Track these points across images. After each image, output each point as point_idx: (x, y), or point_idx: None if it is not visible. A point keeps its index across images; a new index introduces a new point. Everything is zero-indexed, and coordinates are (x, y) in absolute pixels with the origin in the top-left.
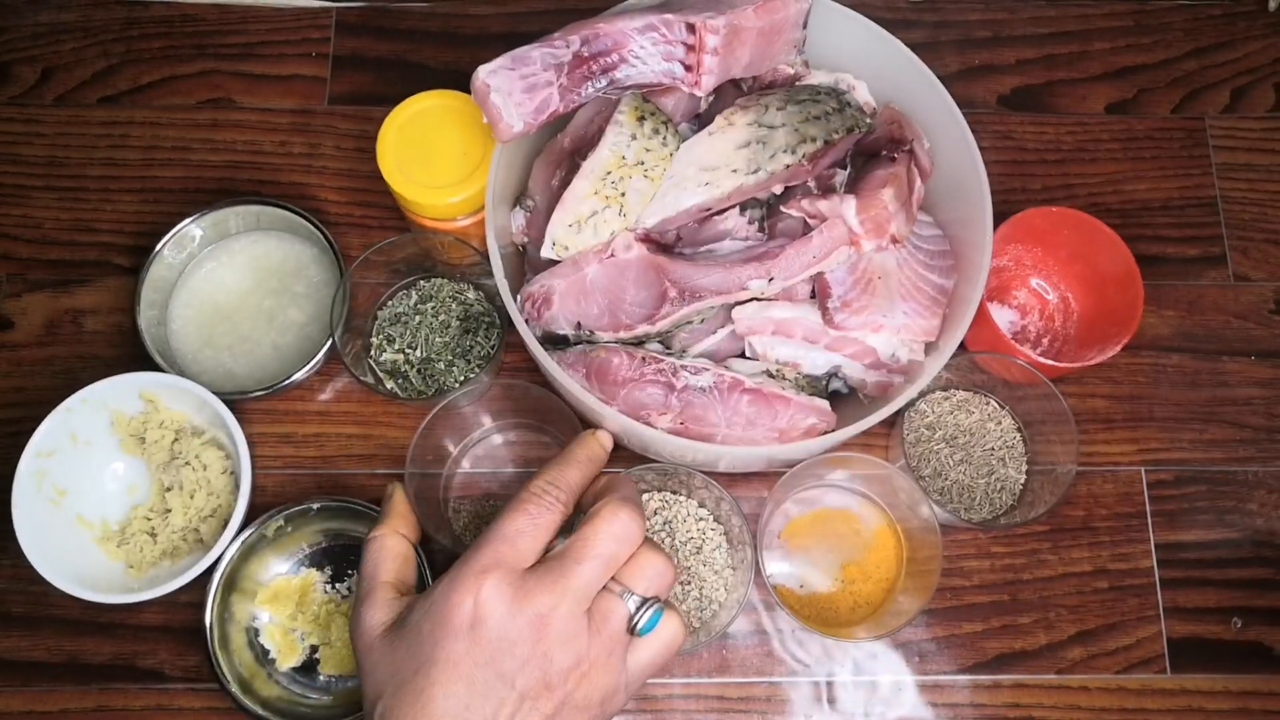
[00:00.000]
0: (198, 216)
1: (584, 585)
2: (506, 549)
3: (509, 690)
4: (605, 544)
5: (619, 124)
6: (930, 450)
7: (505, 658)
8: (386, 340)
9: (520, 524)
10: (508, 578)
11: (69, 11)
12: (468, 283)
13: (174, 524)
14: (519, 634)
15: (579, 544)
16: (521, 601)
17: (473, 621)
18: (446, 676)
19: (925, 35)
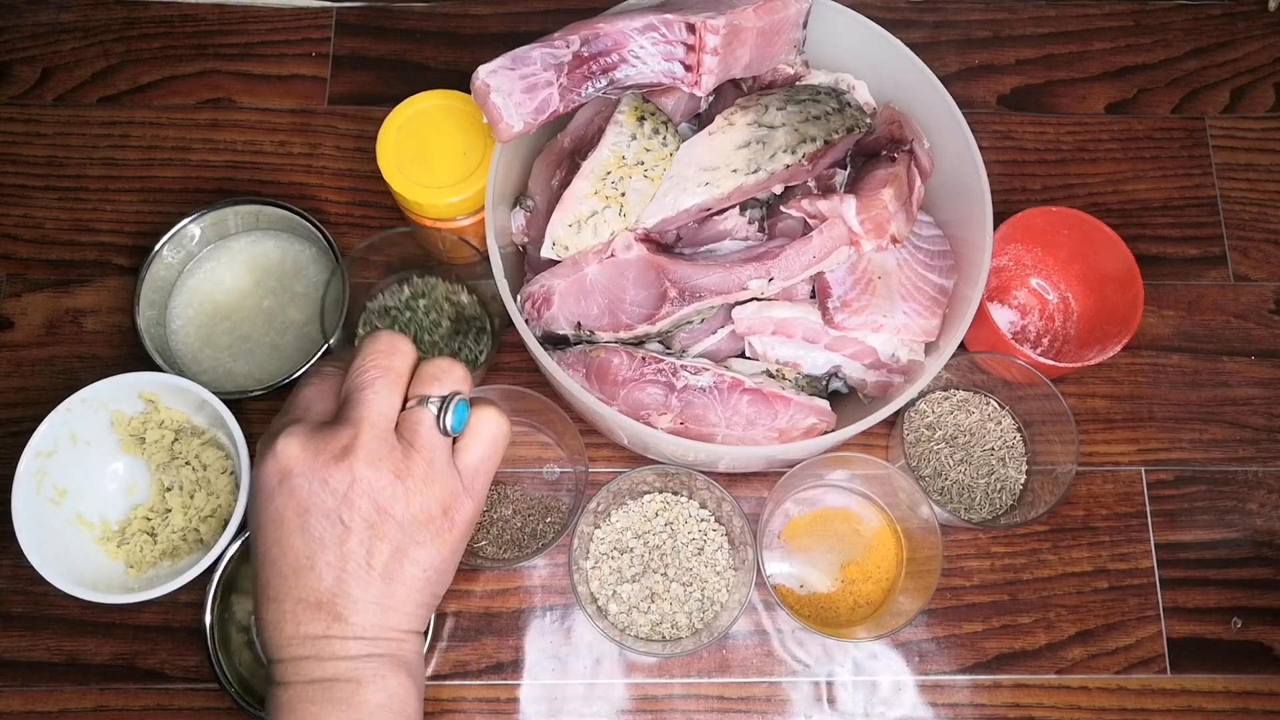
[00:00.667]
0: (197, 216)
1: (375, 408)
2: (297, 414)
3: (341, 527)
4: (376, 362)
5: (619, 124)
6: (930, 450)
7: (324, 497)
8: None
9: (304, 394)
10: (301, 430)
11: (69, 11)
12: (462, 284)
13: (174, 524)
14: (328, 473)
15: (352, 375)
16: (319, 444)
17: (280, 477)
18: (278, 535)
19: (925, 35)
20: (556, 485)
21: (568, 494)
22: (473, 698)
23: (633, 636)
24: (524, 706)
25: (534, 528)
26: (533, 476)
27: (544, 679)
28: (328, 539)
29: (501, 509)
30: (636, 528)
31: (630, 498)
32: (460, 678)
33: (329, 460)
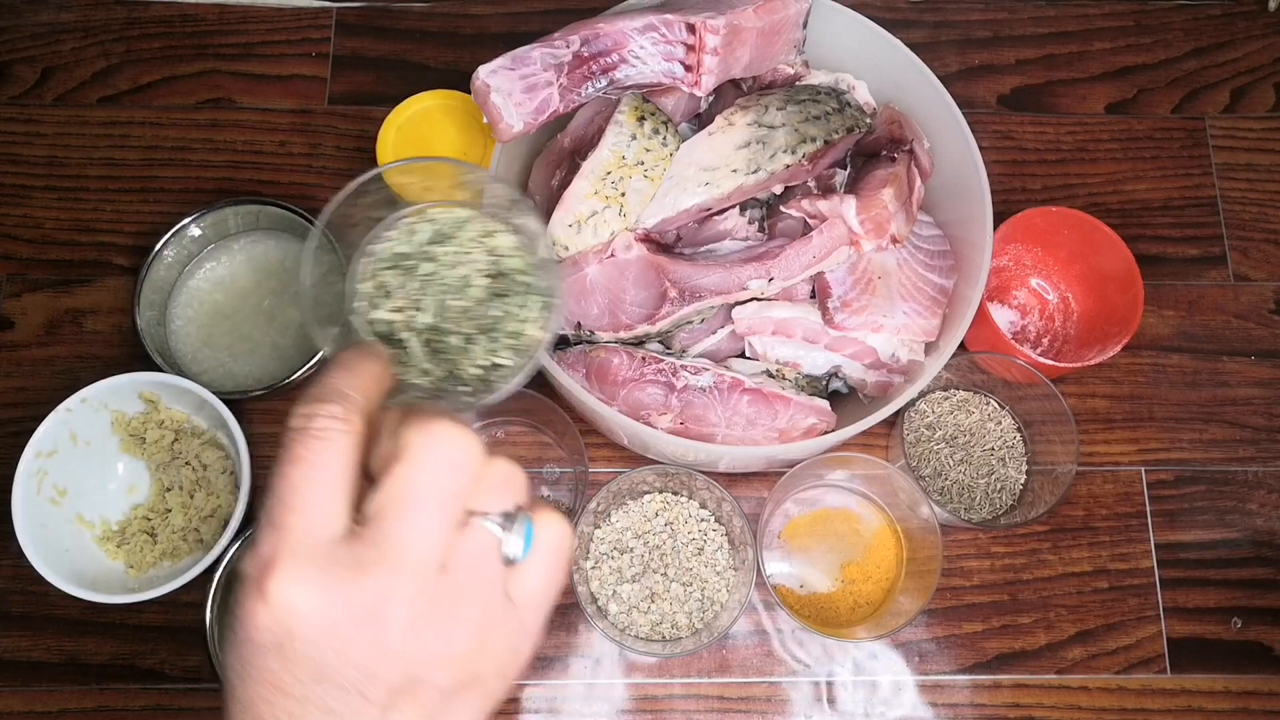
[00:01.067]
0: (197, 216)
1: (421, 548)
2: (291, 521)
3: (360, 701)
4: (433, 481)
5: (619, 124)
6: (930, 450)
7: (340, 668)
8: (379, 290)
9: (293, 478)
10: (303, 568)
11: (69, 11)
12: (501, 221)
13: (174, 524)
14: (347, 638)
15: (394, 494)
16: (335, 596)
17: (277, 638)
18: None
19: (925, 35)
20: (556, 485)
21: (568, 494)
22: None
23: (633, 636)
24: (524, 706)
25: None
26: (533, 477)
27: (544, 679)
28: (338, 713)
29: None
30: (636, 528)
31: (630, 498)
32: None
33: (354, 624)
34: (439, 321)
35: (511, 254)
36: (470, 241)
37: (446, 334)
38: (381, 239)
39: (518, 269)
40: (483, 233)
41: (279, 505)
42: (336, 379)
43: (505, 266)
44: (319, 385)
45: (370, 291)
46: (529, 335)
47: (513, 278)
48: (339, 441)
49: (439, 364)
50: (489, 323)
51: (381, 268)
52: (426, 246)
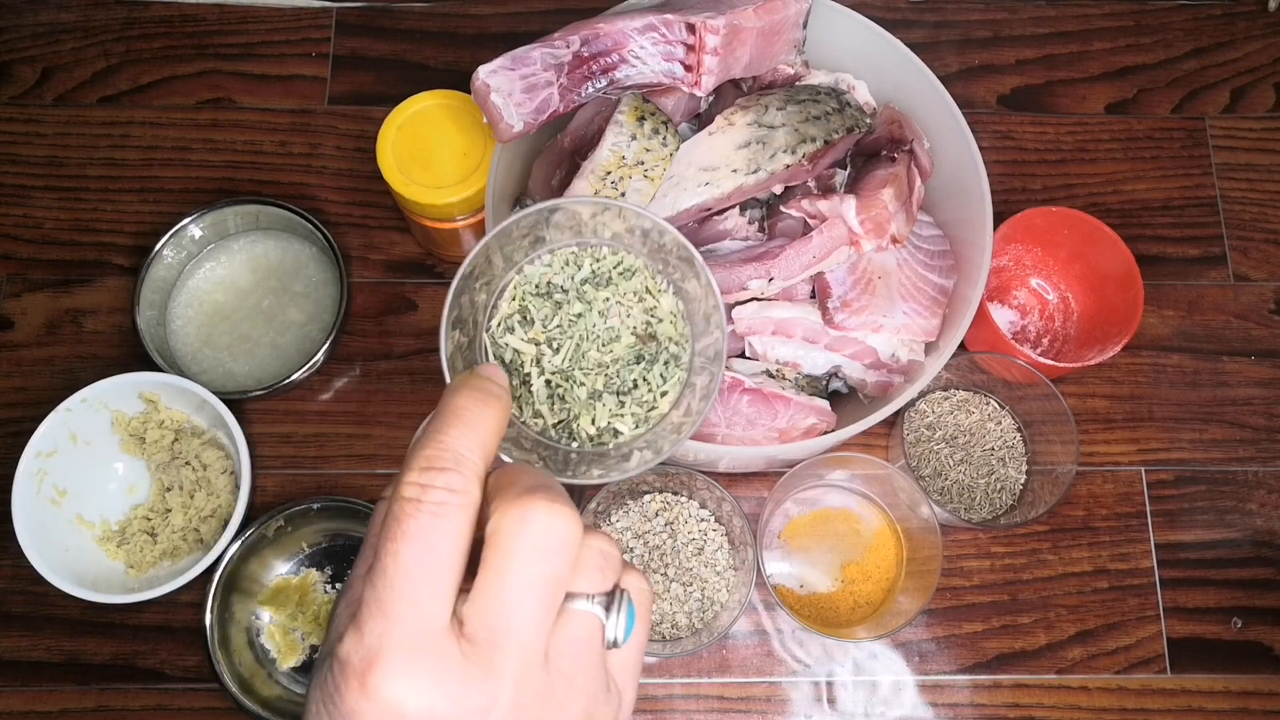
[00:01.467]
0: (197, 216)
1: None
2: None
3: None
4: (533, 568)
5: (619, 124)
6: (930, 450)
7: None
8: (520, 316)
9: (408, 558)
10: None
11: (69, 11)
12: (668, 280)
13: (174, 524)
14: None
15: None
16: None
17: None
18: None
19: (925, 35)
20: None
21: None
22: None
23: None
24: None
25: None
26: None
27: None
28: None
29: None
30: (636, 528)
31: (630, 498)
32: None
33: None
34: (571, 368)
35: (670, 319)
36: (630, 294)
37: (575, 383)
38: (539, 260)
39: (671, 337)
40: (646, 288)
41: (389, 590)
42: (455, 437)
43: (658, 331)
44: (435, 443)
45: (508, 312)
46: (662, 414)
47: (664, 345)
48: (456, 519)
49: (555, 411)
50: (623, 384)
51: (529, 292)
52: (583, 286)
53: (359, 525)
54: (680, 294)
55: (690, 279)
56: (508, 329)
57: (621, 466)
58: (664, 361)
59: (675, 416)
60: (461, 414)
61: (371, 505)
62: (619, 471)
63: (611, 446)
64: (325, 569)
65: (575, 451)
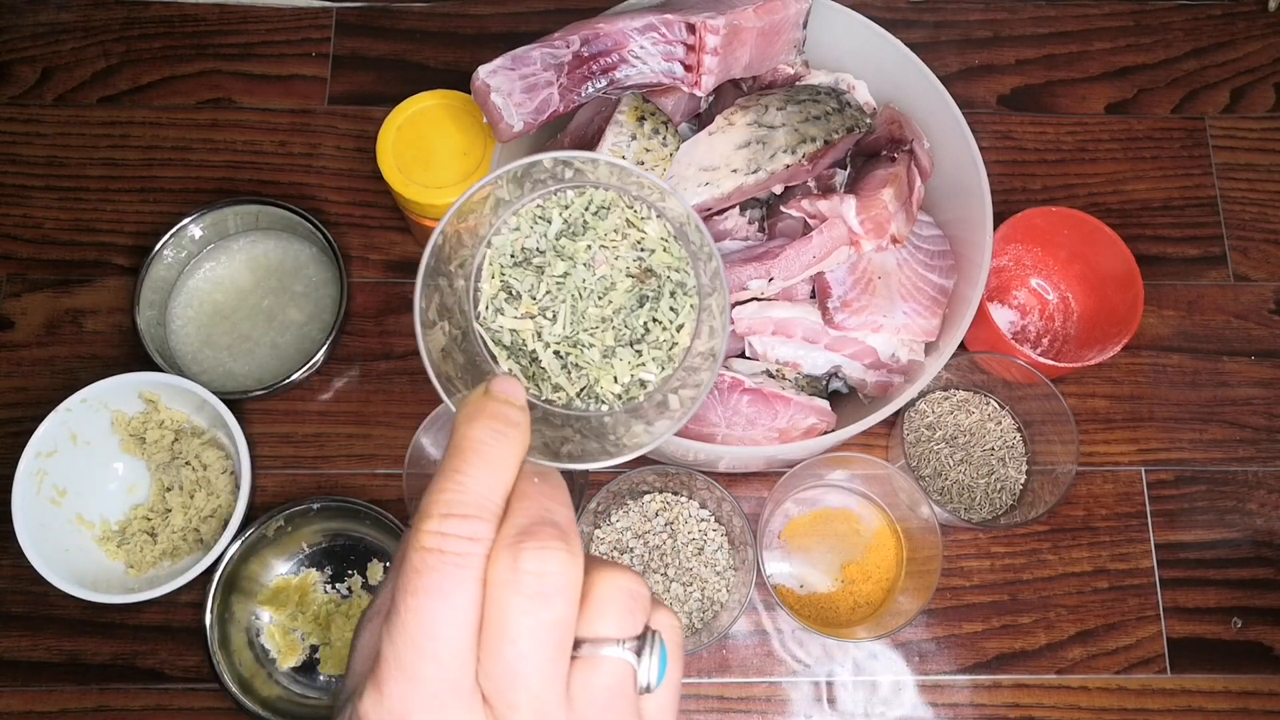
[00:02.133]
0: (197, 216)
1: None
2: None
3: None
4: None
5: (619, 124)
6: (930, 450)
7: None
8: (505, 293)
9: (430, 616)
10: None
11: (69, 11)
12: (647, 205)
13: (174, 524)
14: None
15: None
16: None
17: None
18: None
19: (925, 35)
20: None
21: None
22: None
23: None
24: None
25: None
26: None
27: None
28: None
29: None
30: (636, 528)
31: (630, 498)
32: None
33: None
34: (575, 332)
35: (661, 246)
36: (612, 234)
37: (583, 346)
38: (505, 229)
39: (669, 264)
40: (627, 220)
41: (412, 649)
42: (476, 478)
43: (654, 263)
44: (455, 485)
45: (492, 294)
46: (685, 346)
47: (665, 276)
48: (477, 569)
49: (574, 380)
50: (634, 333)
51: (505, 265)
52: (559, 241)
53: (359, 525)
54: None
55: (668, 198)
56: (497, 310)
57: (665, 416)
58: (670, 293)
59: (701, 345)
60: (480, 450)
61: (371, 505)
62: (666, 420)
63: (643, 398)
64: (325, 569)
65: (609, 414)
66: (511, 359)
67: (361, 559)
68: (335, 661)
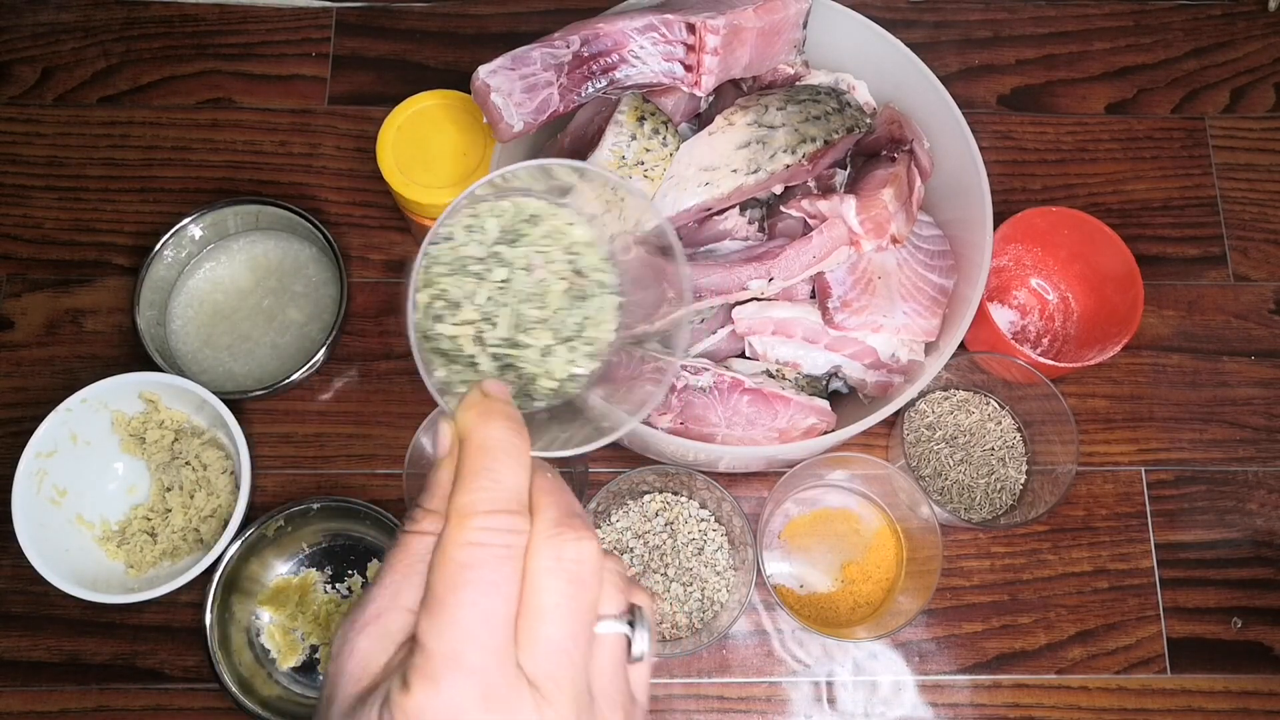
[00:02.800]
0: (197, 216)
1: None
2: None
3: None
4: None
5: (619, 124)
6: (930, 450)
7: None
8: (444, 301)
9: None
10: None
11: (69, 11)
12: (573, 211)
13: (174, 524)
14: None
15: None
16: None
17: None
18: None
19: (925, 35)
20: None
21: None
22: None
23: None
24: None
25: None
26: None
27: None
28: None
29: None
30: (636, 528)
31: (630, 498)
32: None
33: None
34: (514, 335)
35: (587, 248)
36: (544, 239)
37: (523, 348)
38: (441, 238)
39: (594, 265)
40: (557, 225)
41: (467, 640)
42: (509, 474)
43: (582, 265)
44: (495, 483)
45: (429, 302)
46: (609, 341)
47: (591, 277)
48: (520, 560)
49: (510, 381)
50: (569, 331)
51: (443, 274)
52: (496, 247)
53: (359, 525)
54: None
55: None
56: (434, 318)
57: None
58: (598, 292)
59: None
60: (506, 449)
61: (371, 505)
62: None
63: (577, 390)
64: (325, 569)
65: (546, 411)
66: (447, 365)
67: (361, 559)
68: None
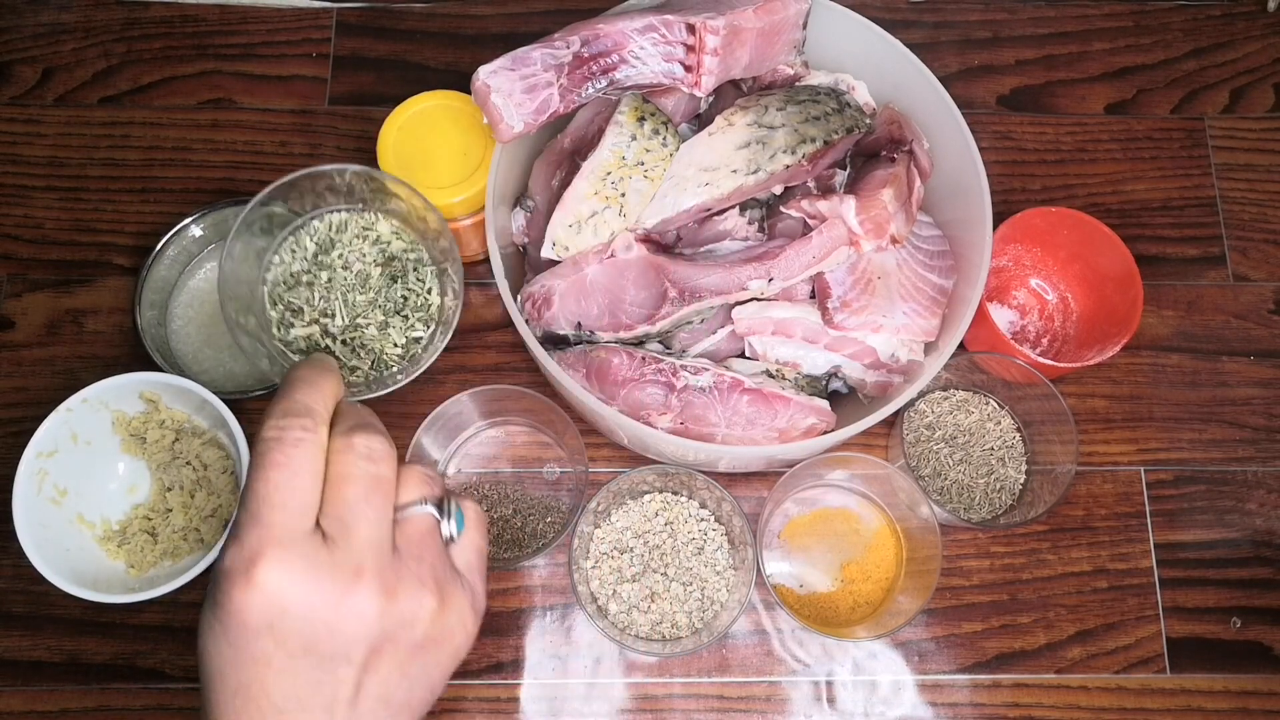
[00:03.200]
0: (198, 216)
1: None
2: (275, 517)
3: (345, 664)
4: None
5: (619, 124)
6: (930, 450)
7: (326, 638)
8: (290, 312)
9: (275, 479)
10: (289, 556)
11: (69, 12)
12: (375, 213)
13: (175, 524)
14: (332, 609)
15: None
16: (316, 577)
17: (269, 619)
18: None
19: (925, 35)
20: (556, 485)
21: (568, 494)
22: (473, 697)
23: (633, 636)
24: (524, 706)
25: (534, 528)
26: (533, 476)
27: (544, 678)
28: (325, 677)
29: (501, 509)
30: (636, 527)
31: (630, 497)
32: (460, 677)
33: (334, 599)
34: (351, 320)
35: (393, 238)
36: (354, 240)
37: (363, 328)
38: (273, 264)
39: (403, 249)
40: (363, 227)
41: (263, 504)
42: (303, 395)
43: (392, 251)
44: (289, 399)
45: (280, 317)
46: (438, 304)
47: (402, 259)
48: (310, 449)
49: (363, 357)
50: (396, 305)
51: (282, 291)
52: (316, 258)
53: None
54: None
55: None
56: (288, 326)
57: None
58: (413, 269)
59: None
60: (306, 378)
61: None
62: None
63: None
64: None
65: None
66: None
67: None
68: None
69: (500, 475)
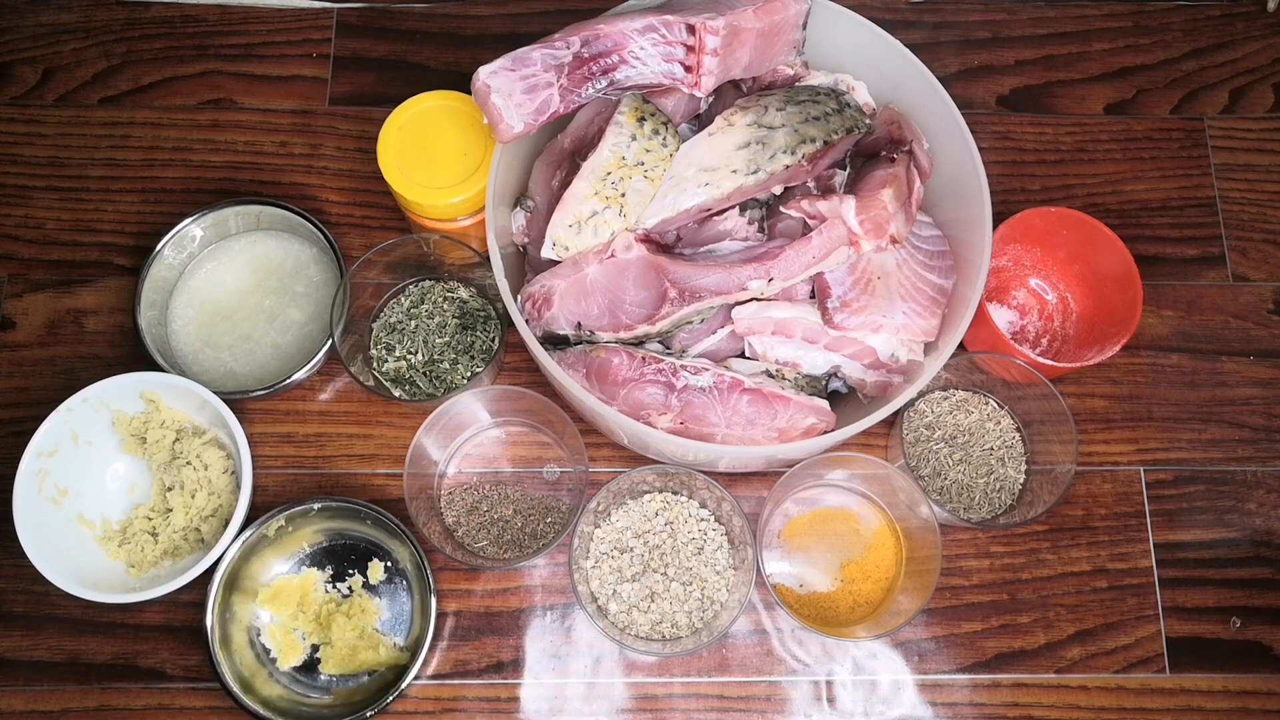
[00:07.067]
0: (198, 216)
1: None
2: None
3: None
4: None
5: (619, 125)
6: (929, 450)
7: None
8: (386, 350)
9: None
10: None
11: (70, 12)
12: (457, 281)
13: (175, 523)
14: None
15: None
16: None
17: None
18: None
19: (925, 35)
20: (556, 485)
21: (568, 494)
22: (473, 696)
23: (633, 636)
24: (524, 705)
25: (534, 528)
26: (533, 476)
27: (544, 678)
28: None
29: (501, 509)
30: (636, 527)
31: (630, 497)
32: (461, 677)
33: None
34: (430, 355)
35: (470, 300)
36: (438, 298)
37: (438, 363)
38: (378, 317)
39: (476, 308)
40: (446, 290)
41: None
42: None
43: (467, 308)
44: None
45: (379, 354)
46: (498, 348)
47: (474, 314)
48: None
49: (436, 385)
50: (464, 346)
51: (384, 335)
52: (410, 310)
53: (359, 525)
54: (470, 283)
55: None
56: (383, 361)
57: None
58: (481, 323)
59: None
60: None
61: (372, 505)
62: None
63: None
64: (326, 569)
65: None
66: (398, 385)
67: (362, 559)
68: (335, 661)
69: (500, 475)
